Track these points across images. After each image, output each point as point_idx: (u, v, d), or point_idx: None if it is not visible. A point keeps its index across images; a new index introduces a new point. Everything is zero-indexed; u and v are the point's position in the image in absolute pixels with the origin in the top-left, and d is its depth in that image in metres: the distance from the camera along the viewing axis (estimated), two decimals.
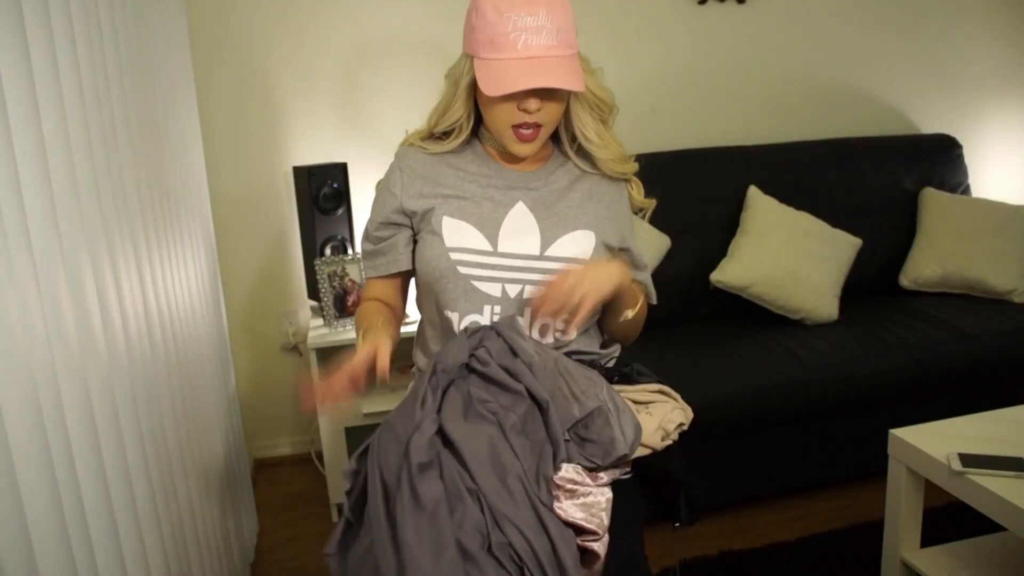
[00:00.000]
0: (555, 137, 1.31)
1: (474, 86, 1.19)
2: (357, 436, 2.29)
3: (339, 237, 2.42)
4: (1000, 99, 3.21)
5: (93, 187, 1.08)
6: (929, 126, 3.12)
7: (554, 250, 1.22)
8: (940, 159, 2.89)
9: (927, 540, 1.71)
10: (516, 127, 1.18)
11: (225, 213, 2.52)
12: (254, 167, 2.55)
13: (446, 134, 1.27)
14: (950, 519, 2.00)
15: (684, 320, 2.55)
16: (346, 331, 2.33)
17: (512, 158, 1.27)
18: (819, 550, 2.03)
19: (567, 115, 1.24)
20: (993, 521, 1.44)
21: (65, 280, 0.94)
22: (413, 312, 1.54)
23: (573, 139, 1.28)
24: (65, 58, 1.01)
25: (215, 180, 2.37)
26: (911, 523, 1.66)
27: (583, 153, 1.30)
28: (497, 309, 1.21)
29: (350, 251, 2.43)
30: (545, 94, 1.15)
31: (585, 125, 1.24)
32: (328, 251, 2.40)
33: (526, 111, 1.15)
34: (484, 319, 1.22)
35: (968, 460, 1.50)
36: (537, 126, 1.18)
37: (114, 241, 1.16)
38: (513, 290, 1.21)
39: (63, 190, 0.96)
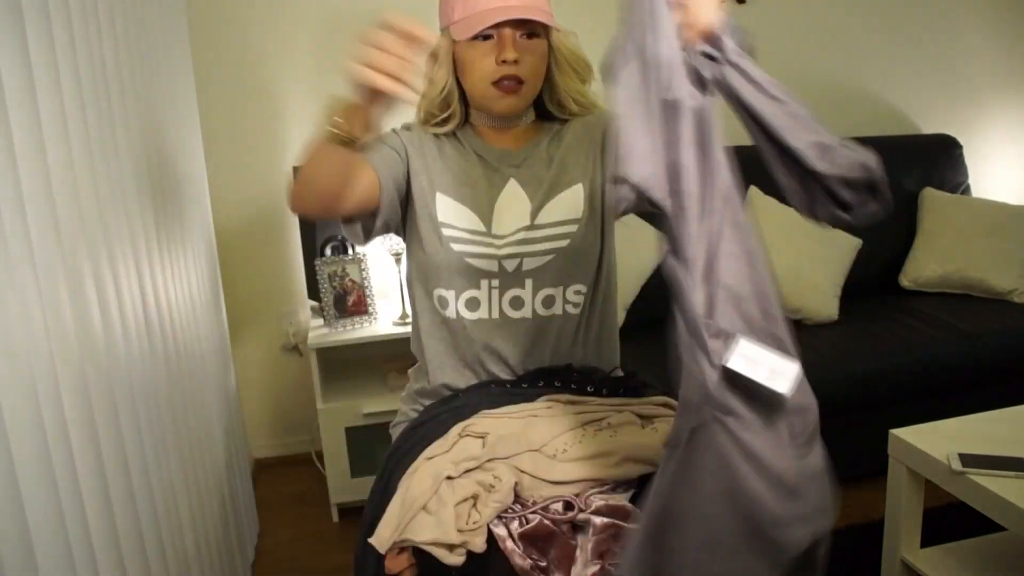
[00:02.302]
0: (546, 116, 1.32)
1: (454, 61, 1.21)
2: (357, 436, 2.29)
3: (339, 237, 2.42)
4: (1000, 99, 3.21)
5: (93, 188, 1.08)
6: (929, 126, 3.12)
7: (543, 216, 1.23)
8: (940, 159, 2.89)
9: (927, 540, 1.71)
10: (497, 83, 1.18)
11: (225, 213, 2.52)
12: (254, 167, 2.55)
13: (444, 122, 1.28)
14: (950, 519, 2.00)
15: None
16: (346, 331, 2.33)
17: (504, 139, 1.28)
18: None
19: (553, 87, 1.25)
20: (993, 521, 1.44)
21: (65, 281, 0.94)
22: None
23: (560, 106, 1.29)
24: (65, 59, 1.01)
25: (215, 180, 2.37)
26: (911, 523, 1.66)
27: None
28: (495, 283, 1.23)
29: (350, 251, 2.43)
30: (522, 44, 1.16)
31: (571, 89, 1.26)
32: (328, 251, 2.40)
33: (505, 62, 1.16)
34: (483, 292, 1.23)
35: (968, 460, 1.50)
36: (518, 80, 1.18)
37: (113, 242, 1.16)
38: (511, 264, 1.23)
39: (63, 191, 0.96)
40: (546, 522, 1.00)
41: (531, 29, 1.17)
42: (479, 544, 0.99)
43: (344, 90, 0.95)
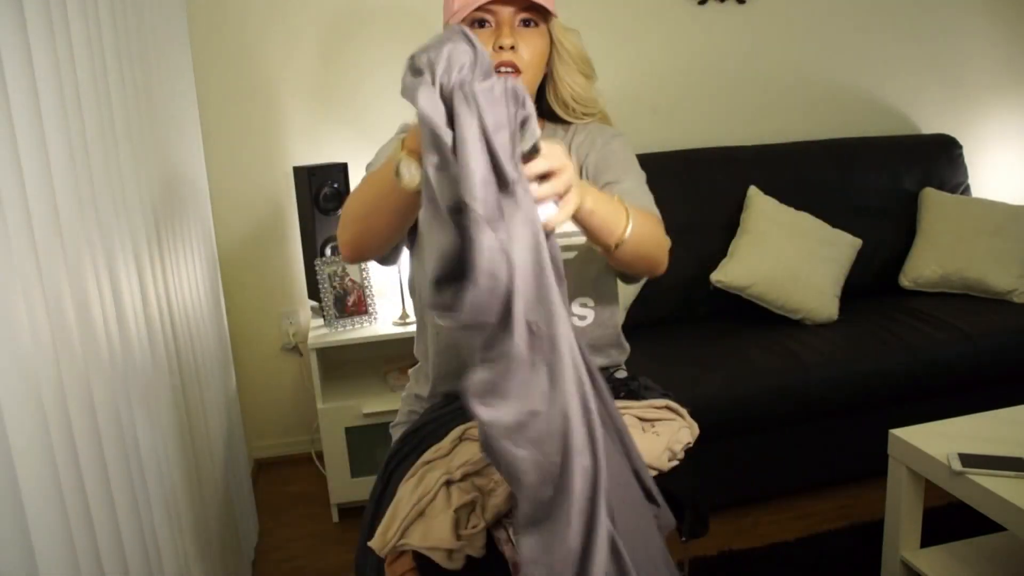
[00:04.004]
0: (550, 117, 1.30)
1: None
2: (357, 436, 2.29)
3: None
4: (1000, 99, 3.21)
5: (93, 189, 1.08)
6: (929, 126, 3.12)
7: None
8: (940, 159, 2.89)
9: (927, 540, 1.71)
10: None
11: (225, 213, 2.52)
12: (254, 167, 2.55)
13: None
14: (950, 519, 2.01)
15: (684, 320, 2.55)
16: (346, 331, 2.33)
17: None
18: (819, 550, 2.03)
19: (558, 83, 1.23)
20: (993, 521, 1.45)
21: (68, 281, 0.94)
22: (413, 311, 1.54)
23: (564, 106, 1.26)
24: (65, 58, 1.01)
25: (215, 180, 2.37)
26: (911, 523, 1.66)
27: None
28: None
29: None
30: (520, 32, 1.14)
31: (575, 83, 1.23)
32: (328, 251, 2.40)
33: (501, 47, 1.13)
34: None
35: (968, 460, 1.50)
36: (515, 68, 1.16)
37: (114, 242, 1.16)
38: None
39: (64, 192, 0.96)
40: None
41: (530, 16, 1.16)
42: (478, 548, 0.98)
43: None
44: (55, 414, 0.87)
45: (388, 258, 1.19)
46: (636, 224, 1.00)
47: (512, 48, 1.14)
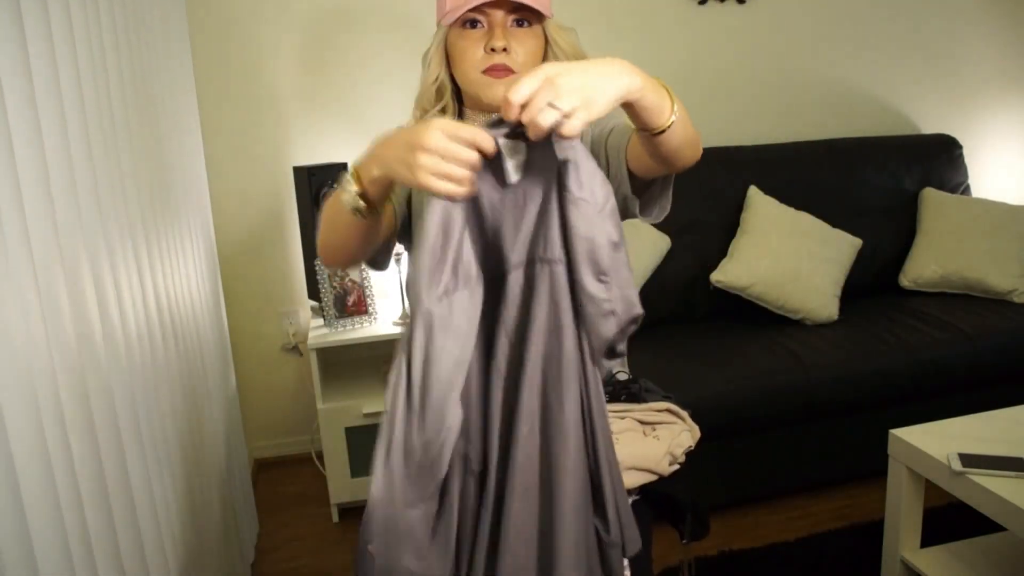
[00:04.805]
0: None
1: (446, 52, 1.19)
2: (357, 436, 2.29)
3: None
4: (1000, 99, 3.21)
5: (93, 188, 1.08)
6: (929, 126, 3.12)
7: None
8: (940, 159, 2.89)
9: (927, 540, 1.71)
10: (486, 70, 1.14)
11: (225, 213, 2.52)
12: (254, 167, 2.55)
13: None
14: (950, 519, 2.00)
15: (684, 320, 2.55)
16: (346, 331, 2.33)
17: None
18: (819, 550, 2.03)
19: None
20: (993, 521, 1.45)
21: (64, 281, 0.94)
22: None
23: None
24: (64, 57, 1.01)
25: (215, 180, 2.37)
26: (911, 523, 1.66)
27: None
28: None
29: None
30: (513, 33, 1.13)
31: None
32: None
33: (493, 49, 1.12)
34: None
35: (968, 460, 1.50)
36: (508, 71, 1.13)
37: (113, 241, 1.16)
38: None
39: (62, 191, 0.96)
40: None
41: (523, 16, 1.14)
42: None
43: (368, 162, 0.94)
44: (50, 416, 0.87)
45: (377, 264, 1.22)
46: (678, 100, 0.97)
47: (504, 50, 1.13)
